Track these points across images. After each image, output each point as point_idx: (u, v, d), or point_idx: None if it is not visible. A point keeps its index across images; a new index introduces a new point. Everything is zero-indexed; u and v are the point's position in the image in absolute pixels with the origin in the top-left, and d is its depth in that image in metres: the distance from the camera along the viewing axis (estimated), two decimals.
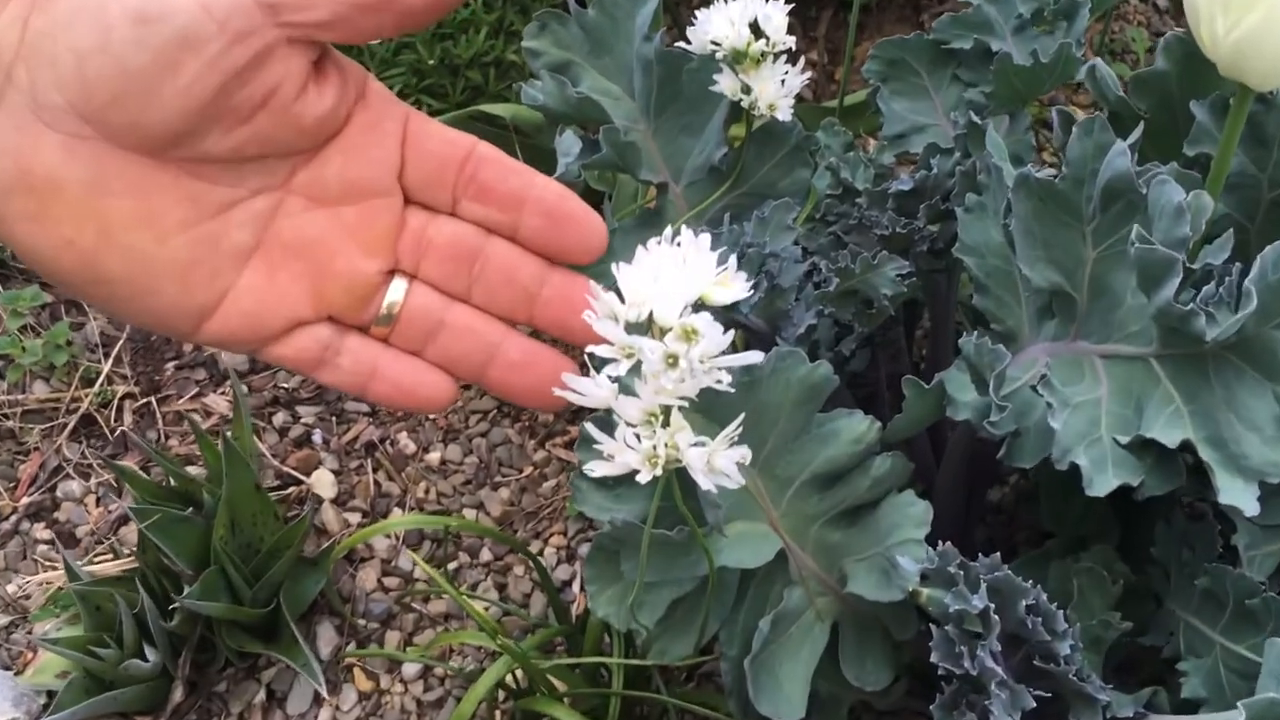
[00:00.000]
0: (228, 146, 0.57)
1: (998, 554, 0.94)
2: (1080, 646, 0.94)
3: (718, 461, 0.71)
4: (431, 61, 1.57)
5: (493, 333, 0.66)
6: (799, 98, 1.70)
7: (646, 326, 0.69)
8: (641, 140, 1.25)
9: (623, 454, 0.70)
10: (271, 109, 0.56)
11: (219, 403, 1.50)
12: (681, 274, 0.68)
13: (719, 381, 0.68)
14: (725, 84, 1.18)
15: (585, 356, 0.71)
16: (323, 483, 1.46)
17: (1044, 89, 1.14)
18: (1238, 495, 0.83)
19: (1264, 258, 0.80)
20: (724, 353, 0.68)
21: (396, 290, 0.63)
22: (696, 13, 1.15)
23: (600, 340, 0.68)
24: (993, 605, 0.89)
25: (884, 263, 1.07)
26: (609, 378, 0.68)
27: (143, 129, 0.54)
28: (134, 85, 0.53)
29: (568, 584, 1.40)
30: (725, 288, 0.69)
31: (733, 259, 0.70)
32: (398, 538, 1.43)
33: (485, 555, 1.43)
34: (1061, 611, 0.92)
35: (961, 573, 0.91)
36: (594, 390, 0.72)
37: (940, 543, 0.96)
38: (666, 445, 0.71)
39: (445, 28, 1.61)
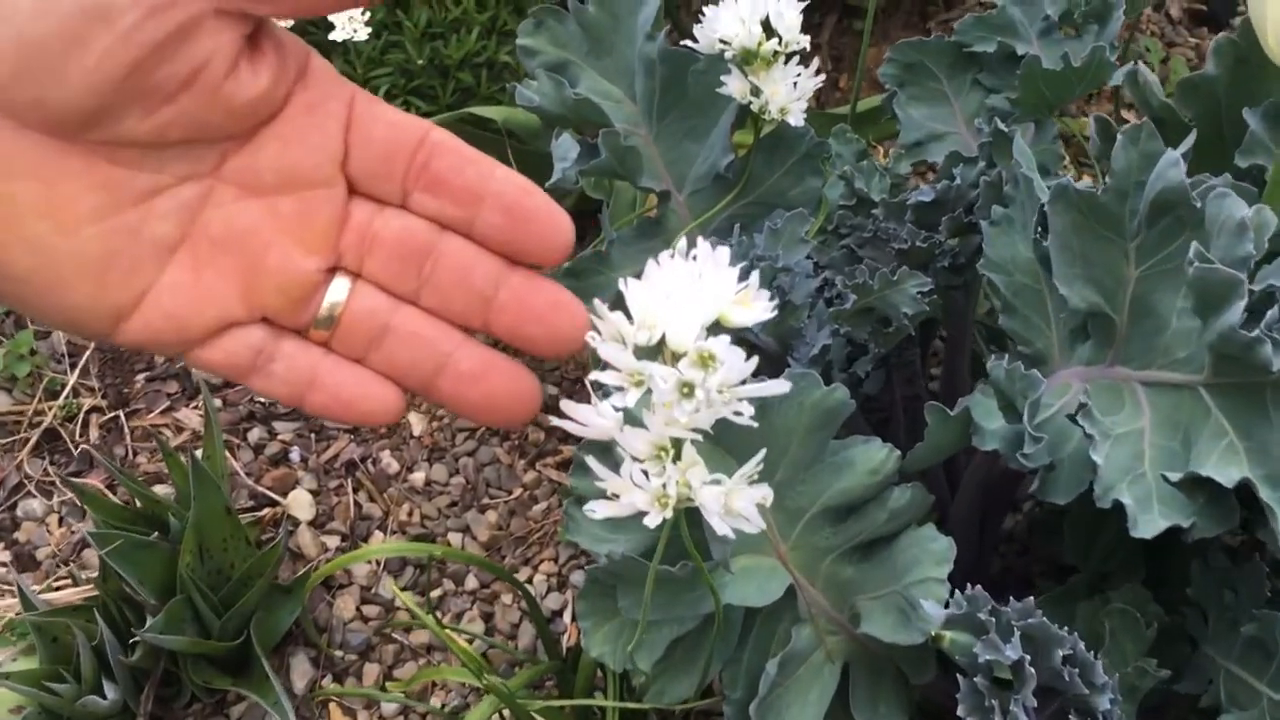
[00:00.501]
0: (148, 129, 0.49)
1: (1030, 599, 0.86)
2: (1119, 699, 0.86)
3: (736, 503, 0.63)
4: (420, 62, 1.49)
5: (444, 340, 0.58)
6: None
7: (657, 351, 0.62)
8: (643, 145, 1.17)
9: (629, 493, 0.63)
10: (198, 88, 0.49)
11: (191, 418, 1.41)
12: (697, 292, 0.60)
13: (739, 414, 0.60)
14: (734, 86, 1.10)
15: (589, 382, 0.64)
16: (300, 504, 1.38)
17: (1073, 95, 1.07)
18: None
19: None
20: (744, 380, 0.61)
21: (338, 290, 0.56)
22: (704, 9, 1.08)
23: (606, 364, 0.61)
24: (1027, 656, 0.81)
25: (904, 279, 0.99)
26: (614, 408, 0.60)
27: (48, 107, 0.47)
28: (36, 59, 0.46)
29: (558, 614, 1.33)
30: (746, 308, 0.62)
31: (754, 275, 0.62)
32: (378, 563, 1.35)
33: (471, 582, 1.35)
34: (1099, 662, 0.84)
35: (993, 620, 0.83)
36: (596, 420, 0.64)
37: (966, 584, 0.88)
38: (678, 483, 0.63)
39: (435, 27, 1.53)
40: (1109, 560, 1.12)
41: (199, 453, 1.22)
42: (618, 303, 0.62)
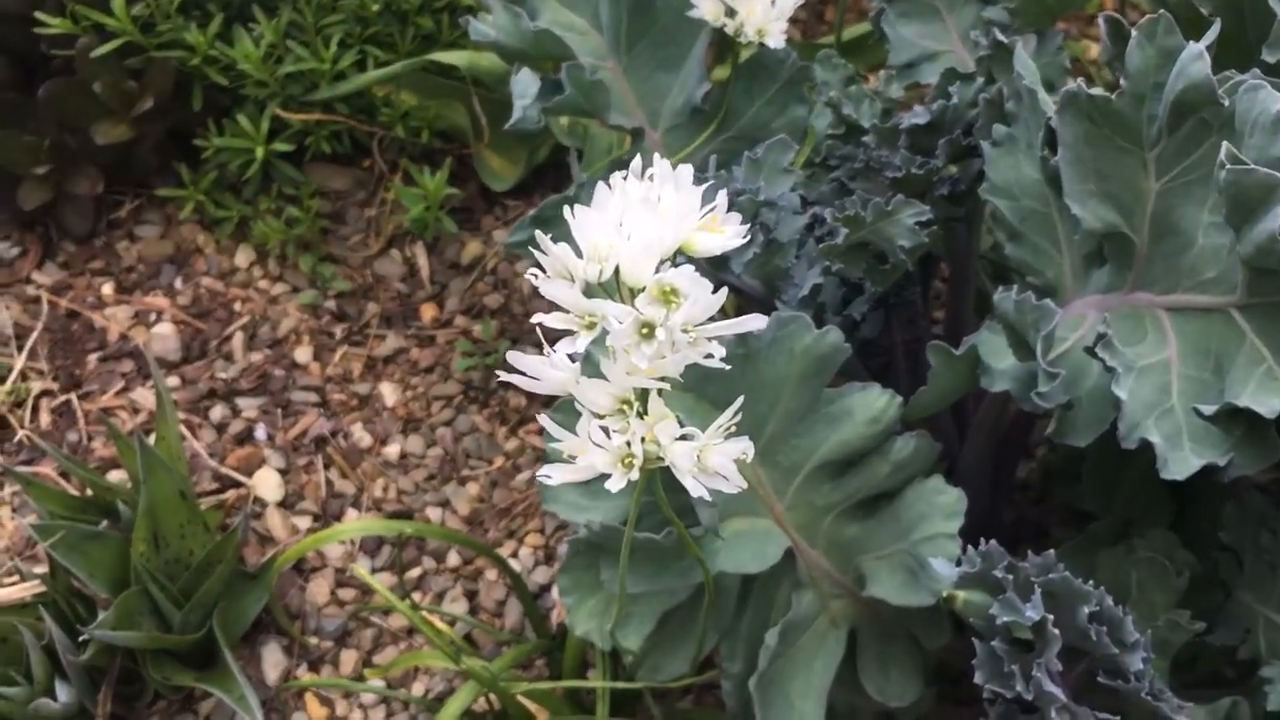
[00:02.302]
0: None
1: (1050, 552, 0.78)
2: (1151, 657, 0.78)
3: (711, 459, 0.55)
4: (376, 7, 1.39)
5: None
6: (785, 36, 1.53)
7: (614, 287, 0.53)
8: (611, 79, 1.08)
9: (588, 453, 0.54)
10: None
11: (148, 397, 1.33)
12: (656, 218, 0.52)
13: (709, 356, 0.52)
14: (705, 7, 1.01)
15: (537, 327, 0.55)
16: (267, 484, 1.29)
17: (1078, 1, 0.97)
18: None
19: None
20: (714, 318, 0.52)
21: None
22: None
23: (552, 306, 0.52)
24: (1050, 616, 0.73)
25: (899, 209, 0.90)
26: (568, 356, 0.52)
27: None
28: None
29: (546, 589, 1.24)
30: (713, 233, 0.53)
31: (722, 196, 0.54)
32: (354, 544, 1.27)
33: (453, 559, 1.27)
34: (1129, 618, 0.76)
35: (1010, 577, 0.75)
36: (549, 372, 0.55)
37: (980, 539, 0.80)
38: (644, 440, 0.55)
39: None
40: (1133, 505, 1.04)
41: (147, 435, 1.13)
42: None
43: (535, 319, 0.52)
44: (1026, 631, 0.77)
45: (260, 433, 1.33)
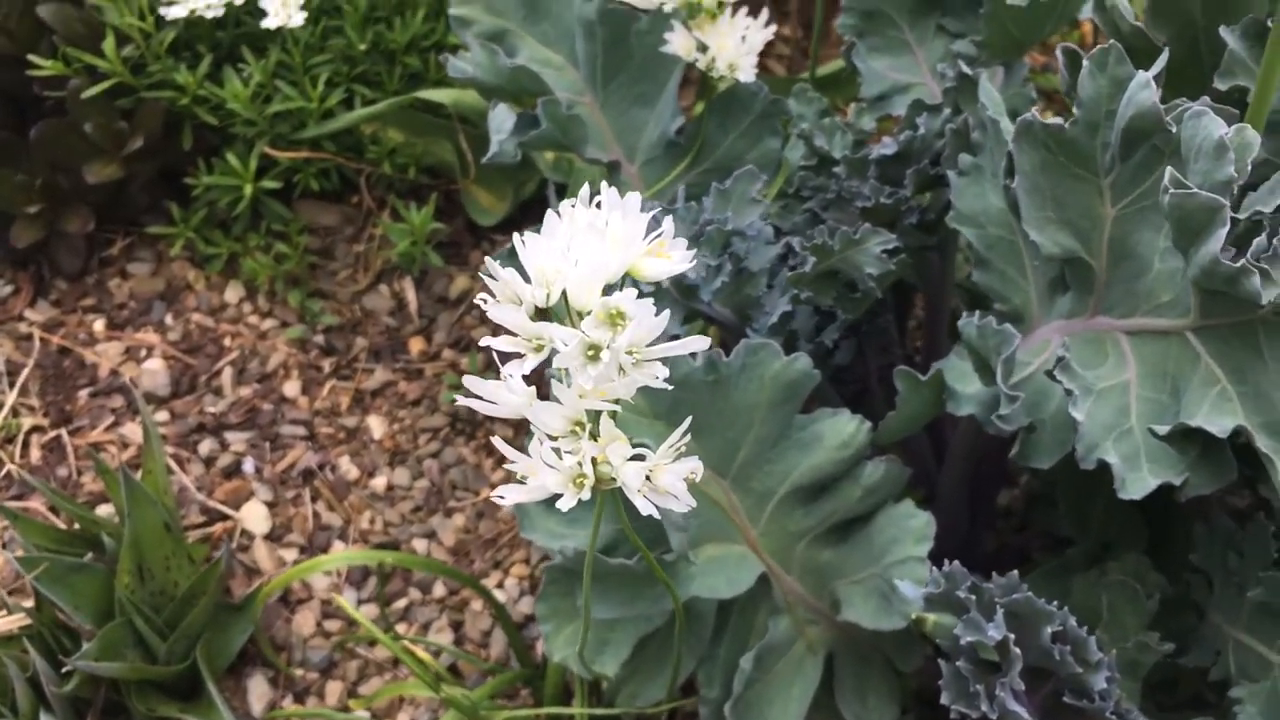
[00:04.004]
0: None
1: (1014, 573, 0.79)
2: (1117, 677, 0.79)
3: (662, 478, 0.56)
4: (363, 47, 1.42)
5: None
6: (769, 72, 1.56)
7: (564, 311, 0.54)
8: (588, 114, 1.10)
9: (539, 474, 0.56)
10: None
11: (137, 432, 1.34)
12: (601, 243, 0.53)
13: (655, 377, 0.53)
14: (678, 43, 1.03)
15: (494, 353, 0.57)
16: (254, 517, 1.30)
17: (1043, 33, 1.00)
18: None
19: None
20: (659, 340, 0.54)
21: None
22: None
23: (502, 330, 0.54)
24: (1012, 635, 0.74)
25: (867, 237, 0.92)
26: (509, 376, 0.53)
27: None
28: None
29: (531, 619, 1.25)
30: (661, 258, 0.55)
31: (669, 221, 0.55)
32: (340, 575, 1.28)
33: (439, 590, 1.28)
34: (1093, 637, 0.77)
35: (973, 597, 0.76)
36: (505, 396, 0.57)
37: (946, 561, 0.81)
38: (597, 461, 0.56)
39: (379, 11, 1.46)
40: (1108, 530, 1.05)
41: (131, 468, 1.15)
42: None
43: (483, 342, 0.53)
44: (992, 652, 0.78)
45: (248, 466, 1.34)
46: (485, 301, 0.53)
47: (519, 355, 0.53)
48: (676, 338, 0.93)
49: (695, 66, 1.07)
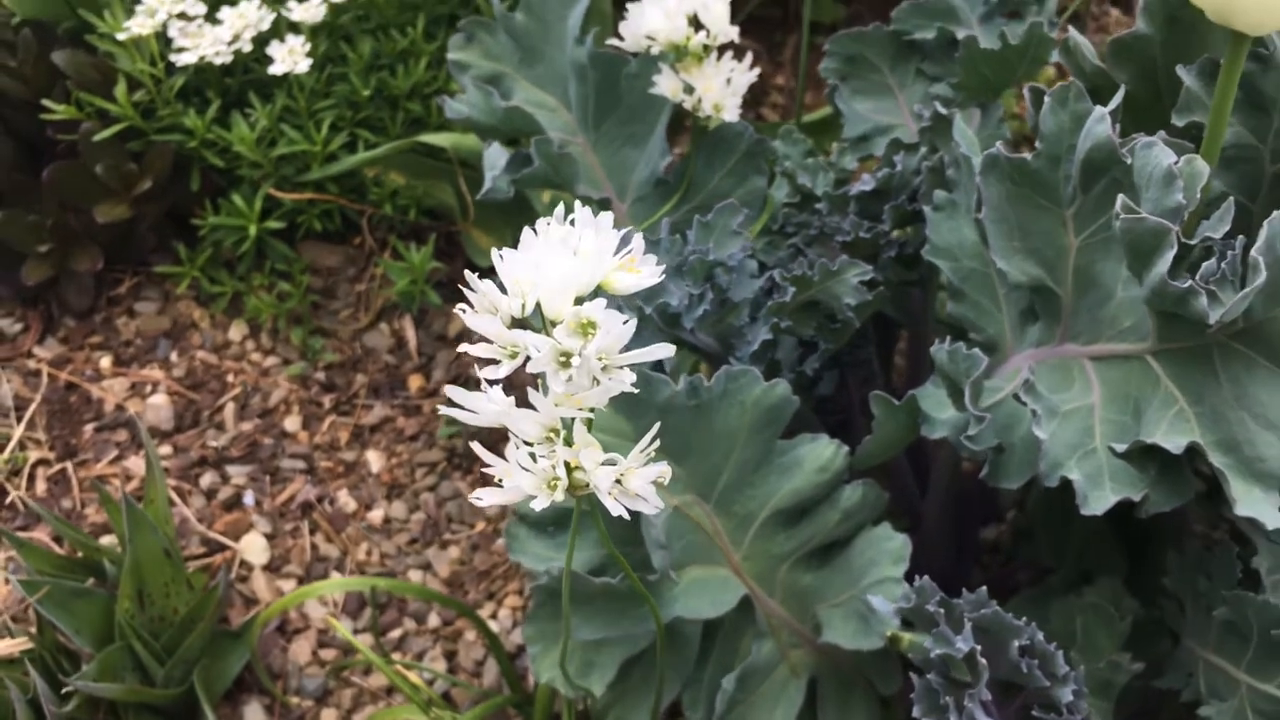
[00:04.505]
0: None
1: (984, 589, 0.81)
2: (1085, 692, 0.81)
3: (632, 482, 0.59)
4: (367, 93, 1.46)
5: None
6: (764, 119, 1.60)
7: (540, 321, 0.58)
8: (580, 153, 1.14)
9: (514, 476, 0.58)
10: None
11: (141, 465, 1.37)
12: (572, 256, 0.56)
13: (624, 383, 0.56)
14: (666, 85, 1.07)
15: (476, 365, 0.60)
16: (254, 548, 1.33)
17: (1015, 76, 1.03)
18: (1255, 505, 0.71)
19: (1272, 225, 0.68)
20: (628, 347, 0.57)
21: None
22: (627, 6, 1.05)
23: (478, 338, 0.57)
24: (979, 648, 0.76)
25: (845, 269, 0.95)
26: (487, 380, 0.56)
27: None
28: None
29: (523, 649, 1.27)
30: (630, 273, 0.58)
31: (638, 239, 0.58)
32: (336, 604, 1.30)
33: (433, 620, 1.30)
34: (1061, 652, 0.79)
35: (943, 611, 0.79)
36: (485, 406, 0.60)
37: (917, 577, 0.83)
38: (570, 465, 0.59)
39: (382, 58, 1.51)
40: (1087, 558, 1.07)
41: (132, 495, 1.17)
42: None
43: (461, 348, 0.56)
44: (962, 666, 0.80)
45: (248, 499, 1.37)
46: (464, 311, 0.56)
47: (495, 361, 0.56)
48: (660, 366, 0.97)
49: (684, 108, 1.11)
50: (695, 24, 1.04)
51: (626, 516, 0.58)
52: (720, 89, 1.06)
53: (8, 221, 1.42)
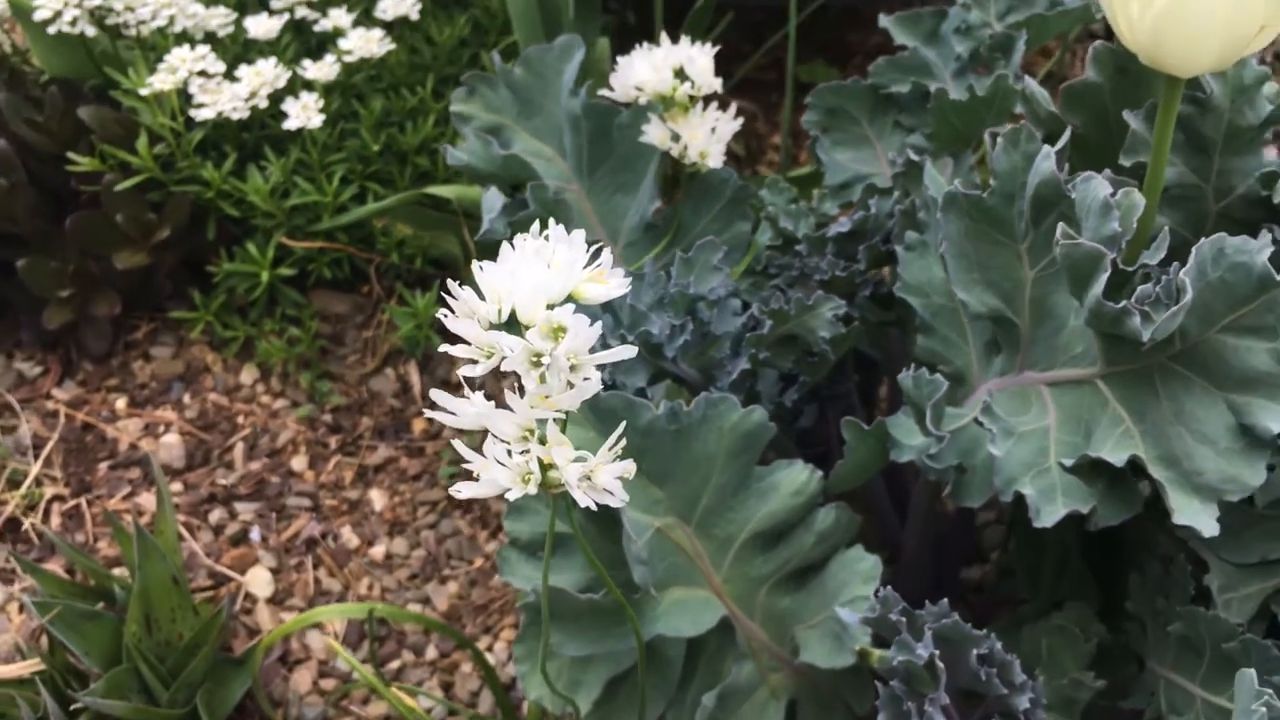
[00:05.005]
0: None
1: (944, 601, 0.85)
2: (1044, 703, 0.85)
3: (599, 477, 0.64)
4: (376, 148, 1.54)
5: None
6: (758, 175, 1.67)
7: (516, 327, 0.63)
8: (575, 200, 1.20)
9: (490, 470, 0.63)
10: None
11: (152, 502, 1.43)
12: (544, 266, 0.62)
13: (587, 379, 0.62)
14: (654, 133, 1.14)
15: (459, 371, 0.65)
16: (259, 581, 1.38)
17: (984, 124, 1.09)
18: (1194, 515, 0.75)
19: (1200, 251, 0.73)
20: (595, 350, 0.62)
21: None
22: (618, 59, 1.12)
23: (459, 340, 0.62)
24: (938, 651, 0.80)
25: (820, 303, 1.00)
26: (465, 378, 0.61)
27: None
28: None
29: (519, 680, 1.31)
30: (599, 284, 0.63)
31: (607, 254, 0.64)
32: (337, 634, 1.34)
33: (430, 653, 1.34)
34: (1018, 661, 0.83)
35: (904, 619, 0.83)
36: (466, 408, 0.65)
37: (882, 587, 0.87)
38: (543, 463, 0.64)
39: (392, 116, 1.58)
40: (1059, 589, 1.11)
41: (144, 524, 1.22)
42: None
43: (442, 348, 0.61)
44: (925, 676, 0.84)
45: (255, 534, 1.42)
46: (445, 316, 0.61)
47: (474, 361, 0.61)
48: (643, 391, 1.02)
49: (672, 155, 1.17)
50: (681, 76, 1.11)
51: (594, 508, 0.63)
52: (705, 137, 1.12)
53: (31, 267, 1.48)
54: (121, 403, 1.53)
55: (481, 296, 0.62)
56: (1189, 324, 0.75)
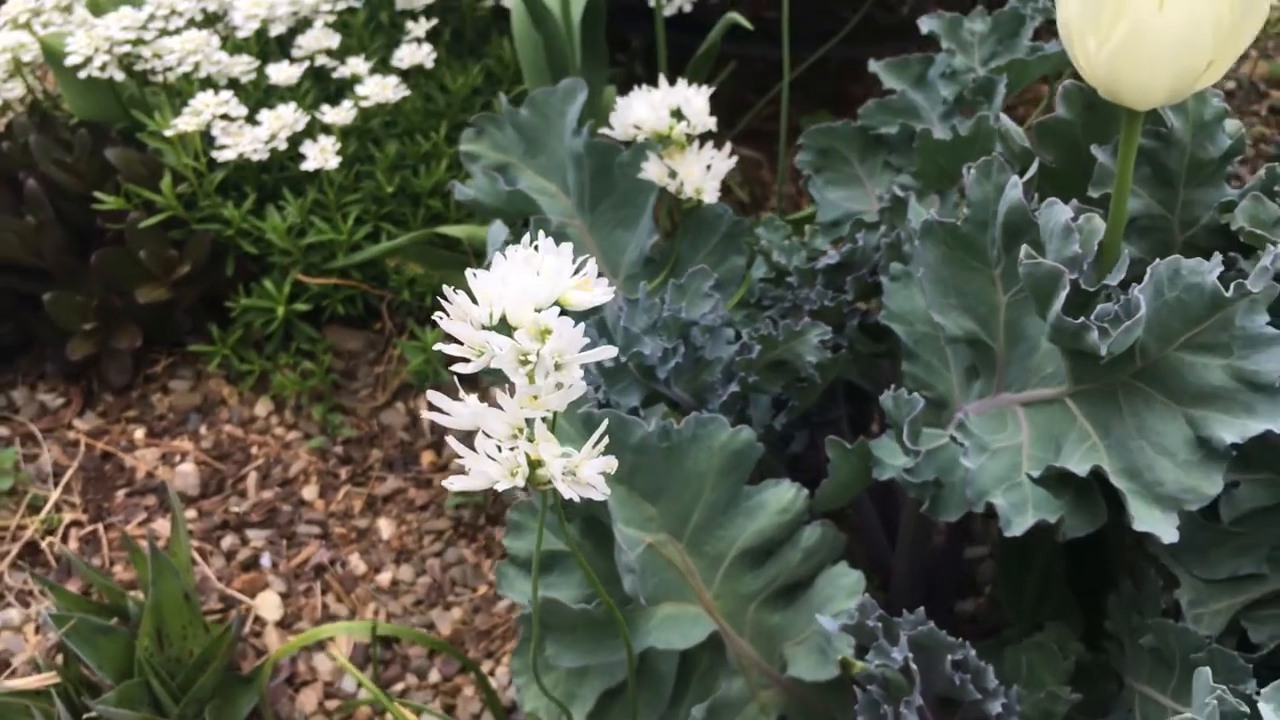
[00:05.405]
0: None
1: (921, 609, 0.89)
2: (1016, 708, 0.88)
3: (583, 472, 0.68)
4: (390, 190, 1.59)
5: None
6: (759, 218, 1.72)
7: (506, 330, 0.68)
8: (578, 234, 1.26)
9: (480, 465, 0.68)
10: None
11: (167, 528, 1.47)
12: (532, 272, 0.67)
13: (571, 385, 0.66)
14: (652, 170, 1.19)
15: (449, 370, 0.70)
16: (268, 604, 1.42)
17: (968, 162, 1.14)
18: (1155, 523, 0.79)
19: (1156, 271, 0.78)
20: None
21: None
22: (617, 99, 1.17)
23: (452, 340, 0.67)
24: (912, 655, 0.84)
25: (807, 329, 1.05)
26: (457, 375, 0.66)
27: None
28: None
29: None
30: (585, 291, 0.68)
31: (591, 264, 0.69)
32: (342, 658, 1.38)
33: (434, 676, 1.37)
34: (991, 668, 0.86)
35: (881, 625, 0.86)
36: (459, 409, 0.70)
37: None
38: (531, 460, 0.68)
39: (407, 159, 1.65)
40: (1041, 609, 1.14)
41: (159, 544, 1.27)
42: None
43: (436, 347, 0.66)
44: (901, 681, 0.87)
45: (265, 560, 1.46)
46: (440, 318, 0.66)
47: (466, 359, 0.66)
48: (636, 411, 1.06)
49: (669, 192, 1.23)
50: (678, 115, 1.16)
51: (578, 500, 0.67)
52: (701, 174, 1.17)
53: (56, 301, 1.54)
54: (140, 433, 1.58)
55: (475, 301, 0.66)
56: (1149, 342, 0.79)
